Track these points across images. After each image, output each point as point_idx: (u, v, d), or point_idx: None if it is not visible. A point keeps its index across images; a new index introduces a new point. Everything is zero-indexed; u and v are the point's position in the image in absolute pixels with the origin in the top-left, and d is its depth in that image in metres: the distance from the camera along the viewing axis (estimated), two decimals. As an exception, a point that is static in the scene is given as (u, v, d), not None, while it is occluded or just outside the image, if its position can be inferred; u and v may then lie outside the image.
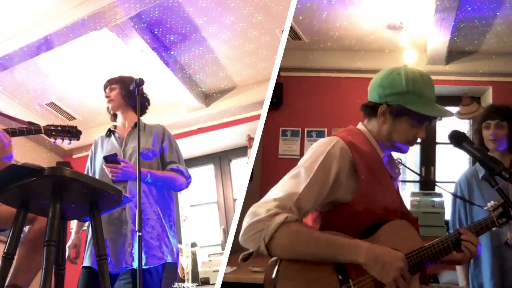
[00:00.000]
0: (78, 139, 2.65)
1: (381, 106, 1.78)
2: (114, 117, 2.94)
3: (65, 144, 2.61)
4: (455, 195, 2.69)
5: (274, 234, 1.55)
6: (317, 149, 1.72)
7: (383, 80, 1.79)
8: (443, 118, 1.81)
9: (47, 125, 2.58)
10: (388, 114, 1.78)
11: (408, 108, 1.75)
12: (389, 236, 1.71)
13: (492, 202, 1.89)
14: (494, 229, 1.89)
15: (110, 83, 2.90)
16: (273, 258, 1.64)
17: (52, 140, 2.57)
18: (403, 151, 1.85)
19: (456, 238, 1.81)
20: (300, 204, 1.62)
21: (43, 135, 2.59)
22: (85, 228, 2.87)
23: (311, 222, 1.78)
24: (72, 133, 2.63)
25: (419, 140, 1.84)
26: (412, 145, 1.83)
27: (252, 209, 1.61)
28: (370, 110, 1.82)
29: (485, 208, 1.91)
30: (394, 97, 1.76)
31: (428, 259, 1.74)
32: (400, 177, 1.96)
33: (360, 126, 1.87)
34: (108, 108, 2.91)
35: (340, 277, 1.63)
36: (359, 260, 1.59)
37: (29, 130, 2.53)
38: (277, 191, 1.64)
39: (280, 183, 1.68)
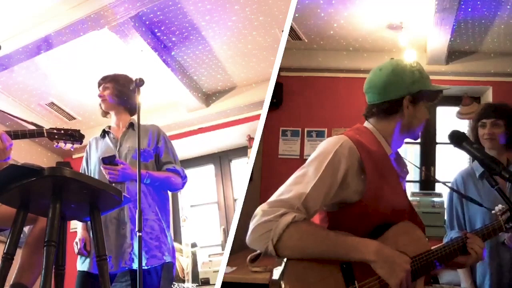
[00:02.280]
0: (81, 143, 2.59)
1: (406, 98, 1.79)
2: (105, 113, 2.93)
3: (67, 147, 2.57)
4: (455, 190, 2.64)
5: (282, 234, 1.53)
6: (325, 148, 1.70)
7: (395, 76, 1.82)
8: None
9: (50, 128, 2.53)
10: (409, 103, 1.80)
11: (423, 91, 1.81)
12: (396, 238, 1.69)
13: (500, 206, 1.88)
14: (500, 234, 1.88)
15: (103, 81, 2.88)
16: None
17: (54, 143, 2.52)
18: (417, 135, 1.87)
19: (463, 242, 1.80)
20: (308, 204, 1.60)
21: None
22: (75, 229, 2.82)
23: (318, 223, 1.76)
24: (75, 137, 2.57)
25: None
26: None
27: (259, 209, 1.59)
28: (389, 108, 1.81)
29: (492, 211, 1.90)
30: (414, 85, 1.81)
31: (435, 262, 1.73)
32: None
33: (367, 124, 1.85)
34: (100, 105, 2.90)
35: (346, 277, 1.61)
36: (368, 258, 1.57)
37: (32, 133, 2.49)
38: (284, 191, 1.63)
39: (287, 182, 1.66)
